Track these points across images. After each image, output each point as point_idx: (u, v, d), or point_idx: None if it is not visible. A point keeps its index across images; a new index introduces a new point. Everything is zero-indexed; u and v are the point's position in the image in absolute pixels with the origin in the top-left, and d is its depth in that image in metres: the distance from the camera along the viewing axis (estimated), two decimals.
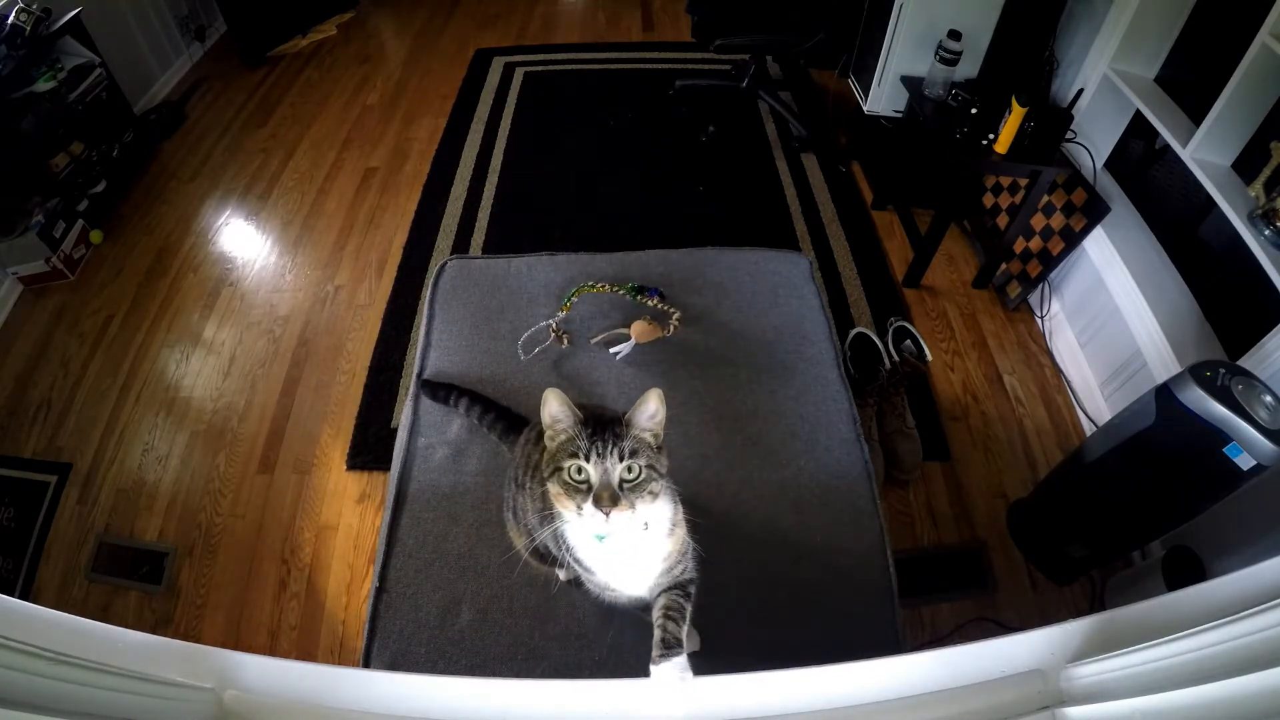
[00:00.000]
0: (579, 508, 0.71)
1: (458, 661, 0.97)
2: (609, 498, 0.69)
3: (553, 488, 0.74)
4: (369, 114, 3.04)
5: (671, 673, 0.71)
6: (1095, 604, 1.53)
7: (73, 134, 2.39)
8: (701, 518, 0.85)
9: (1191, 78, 1.67)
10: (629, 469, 0.72)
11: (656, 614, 0.79)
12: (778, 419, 1.24)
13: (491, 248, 2.35)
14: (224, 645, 0.63)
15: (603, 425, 0.73)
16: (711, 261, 1.51)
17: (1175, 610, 0.58)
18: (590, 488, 0.71)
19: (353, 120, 3.00)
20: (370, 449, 1.77)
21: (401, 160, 2.76)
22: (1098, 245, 1.85)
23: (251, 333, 2.11)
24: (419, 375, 1.31)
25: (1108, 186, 1.91)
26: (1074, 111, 1.80)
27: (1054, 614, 1.50)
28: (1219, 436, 1.12)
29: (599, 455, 0.71)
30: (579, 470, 0.72)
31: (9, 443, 1.84)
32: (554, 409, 0.74)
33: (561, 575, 1.01)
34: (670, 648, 0.74)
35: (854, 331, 1.81)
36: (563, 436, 0.74)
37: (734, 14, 2.57)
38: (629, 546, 0.77)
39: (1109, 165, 1.96)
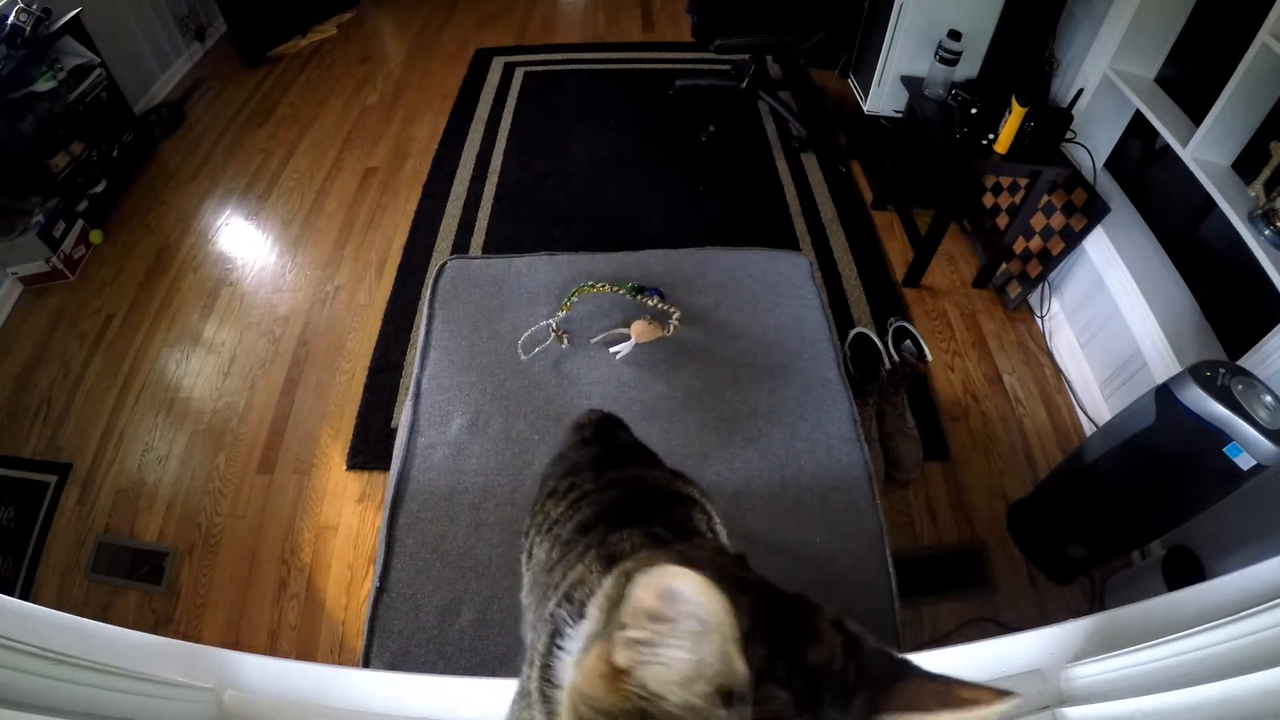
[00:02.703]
0: None
1: (458, 661, 0.97)
2: None
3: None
4: (369, 114, 3.04)
5: None
6: (1095, 604, 1.52)
7: (73, 134, 2.39)
8: None
9: (1191, 78, 1.67)
10: None
11: None
12: (778, 419, 1.24)
13: (491, 248, 2.35)
14: (224, 645, 0.63)
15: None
16: (711, 261, 1.51)
17: (1175, 610, 0.58)
18: None
19: (353, 120, 3.00)
20: (370, 449, 1.77)
21: (401, 160, 2.76)
22: (1098, 245, 1.85)
23: (251, 333, 2.11)
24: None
25: (1108, 186, 1.91)
26: (1074, 111, 1.80)
27: (1054, 614, 1.50)
28: (1219, 436, 1.12)
29: None
30: None
31: (9, 443, 1.84)
32: (687, 611, 0.29)
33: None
34: None
35: (854, 331, 1.81)
36: (673, 699, 0.30)
37: (734, 14, 2.57)
38: None
39: (1109, 165, 1.96)
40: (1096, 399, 1.82)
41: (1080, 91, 1.83)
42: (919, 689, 0.32)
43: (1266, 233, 1.34)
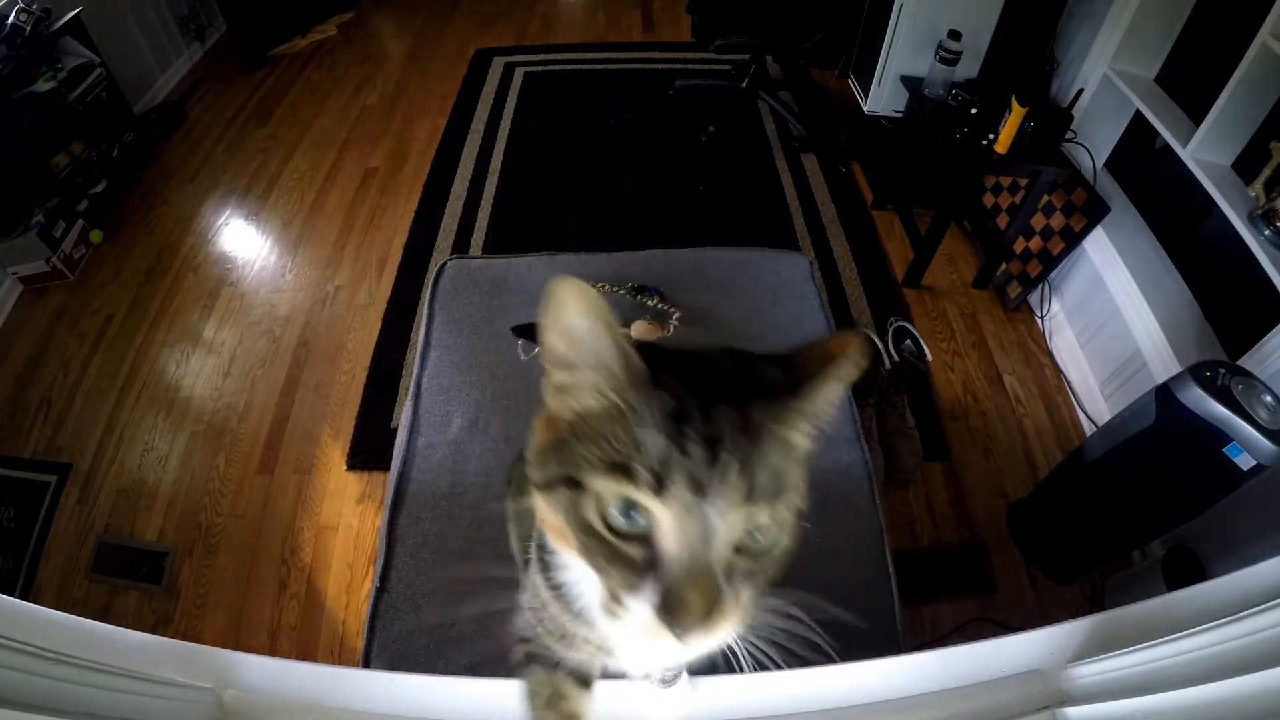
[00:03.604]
0: (617, 599, 0.33)
1: (458, 661, 0.97)
2: (700, 600, 0.30)
3: (552, 516, 0.35)
4: (369, 114, 3.04)
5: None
6: (1095, 604, 1.52)
7: (73, 134, 2.39)
8: None
9: (1191, 78, 1.67)
10: (754, 531, 0.33)
11: None
12: None
13: (491, 248, 2.35)
14: (224, 645, 0.63)
15: (705, 393, 0.32)
16: (711, 261, 1.51)
17: (1175, 610, 0.58)
18: (652, 565, 0.31)
19: (353, 120, 3.00)
20: (370, 449, 1.77)
21: (401, 160, 2.76)
22: (1098, 245, 1.85)
23: (251, 333, 2.11)
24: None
25: (1108, 186, 1.91)
26: (1074, 111, 1.80)
27: (1054, 614, 1.50)
28: (1219, 436, 1.12)
29: (693, 482, 0.30)
30: (628, 510, 0.31)
31: (9, 443, 1.83)
32: (575, 326, 0.33)
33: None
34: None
35: None
36: (592, 404, 0.33)
37: (734, 14, 2.57)
38: None
39: (1109, 165, 1.96)
40: (1096, 399, 1.82)
41: (1080, 91, 1.83)
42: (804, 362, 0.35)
43: (1266, 233, 1.34)
